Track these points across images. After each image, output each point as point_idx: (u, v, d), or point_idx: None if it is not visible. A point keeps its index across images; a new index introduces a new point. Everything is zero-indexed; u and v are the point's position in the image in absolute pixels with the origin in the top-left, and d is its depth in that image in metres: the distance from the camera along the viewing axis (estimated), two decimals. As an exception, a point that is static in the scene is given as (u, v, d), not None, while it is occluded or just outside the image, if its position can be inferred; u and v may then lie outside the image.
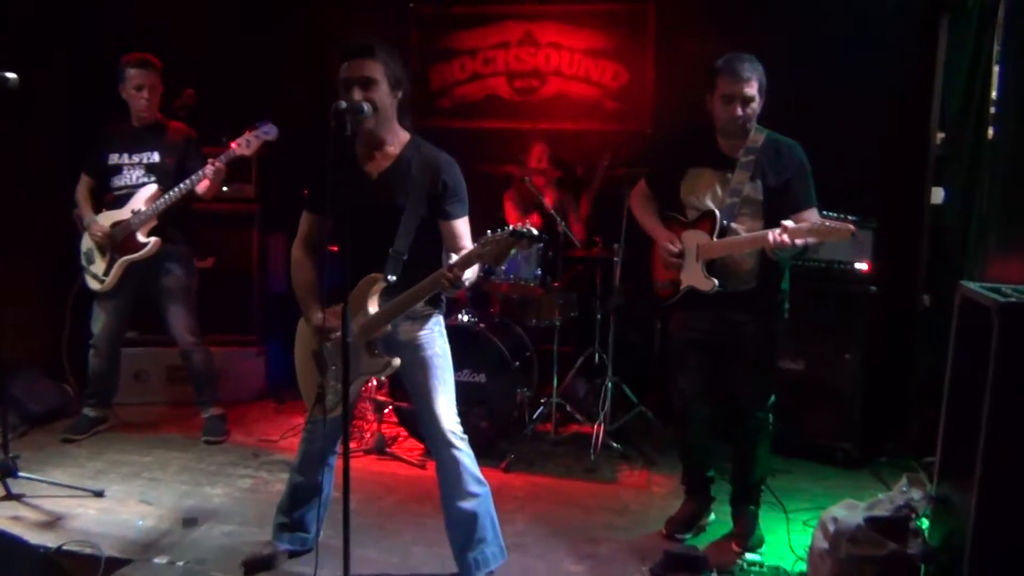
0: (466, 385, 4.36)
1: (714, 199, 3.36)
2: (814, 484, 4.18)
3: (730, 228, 3.31)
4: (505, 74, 5.84)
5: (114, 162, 4.46)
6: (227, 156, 4.20)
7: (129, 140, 4.49)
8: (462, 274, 2.64)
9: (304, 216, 3.08)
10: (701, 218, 3.39)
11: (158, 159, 4.45)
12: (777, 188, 3.29)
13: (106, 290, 4.47)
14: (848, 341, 4.39)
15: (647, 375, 4.98)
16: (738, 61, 3.22)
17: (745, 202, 3.31)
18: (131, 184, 4.44)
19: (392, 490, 4.03)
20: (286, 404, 5.29)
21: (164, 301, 4.54)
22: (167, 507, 3.74)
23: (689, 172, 3.44)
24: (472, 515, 2.98)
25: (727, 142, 3.36)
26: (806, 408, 4.44)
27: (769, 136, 3.34)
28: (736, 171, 3.31)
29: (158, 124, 4.53)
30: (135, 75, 4.38)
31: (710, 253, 3.32)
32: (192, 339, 4.58)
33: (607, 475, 4.30)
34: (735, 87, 3.20)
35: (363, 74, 2.77)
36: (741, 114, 3.22)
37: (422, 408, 3.00)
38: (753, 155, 3.30)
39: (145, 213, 4.34)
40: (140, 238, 4.37)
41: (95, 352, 4.59)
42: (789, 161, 3.30)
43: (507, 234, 2.48)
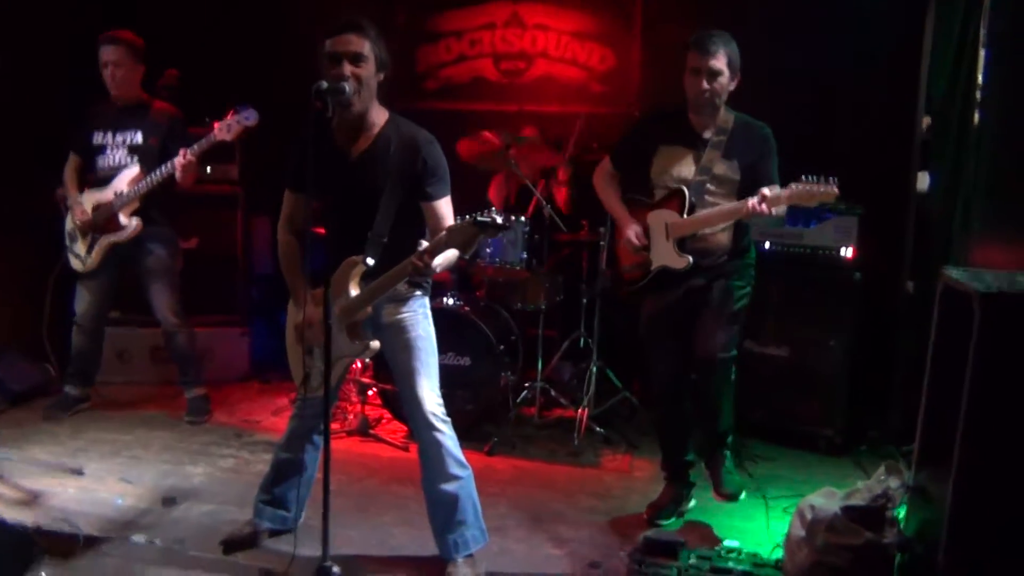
0: (451, 368, 4.35)
1: (684, 178, 3.38)
2: (796, 471, 4.19)
3: (701, 204, 3.34)
4: (491, 56, 5.80)
5: (98, 142, 4.42)
6: (207, 141, 4.12)
7: (113, 119, 4.43)
8: (432, 260, 2.61)
9: (286, 195, 3.05)
10: (669, 197, 3.41)
11: (141, 140, 4.39)
12: (748, 167, 3.33)
13: (88, 270, 4.45)
14: (833, 328, 4.39)
15: (632, 360, 4.97)
16: (706, 35, 3.25)
17: (719, 180, 3.34)
18: (114, 165, 4.39)
19: (375, 471, 4.02)
20: (270, 384, 5.28)
21: (147, 281, 4.51)
22: (147, 486, 3.72)
23: (661, 150, 3.45)
24: (453, 497, 2.97)
25: (698, 119, 3.37)
26: (790, 395, 4.46)
27: (739, 117, 3.38)
28: (706, 150, 3.35)
29: (142, 103, 4.46)
30: (104, 52, 4.32)
31: (681, 230, 3.35)
32: (175, 320, 4.56)
33: (590, 459, 4.31)
34: (702, 60, 3.23)
35: (353, 49, 2.73)
36: (707, 87, 3.23)
37: (404, 390, 2.99)
38: (724, 135, 3.33)
39: (127, 195, 4.30)
40: (122, 219, 4.34)
41: (78, 331, 4.56)
42: (760, 141, 3.36)
43: (471, 222, 2.45)
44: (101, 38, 4.33)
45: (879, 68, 4.78)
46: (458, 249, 2.56)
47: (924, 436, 2.83)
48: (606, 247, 4.62)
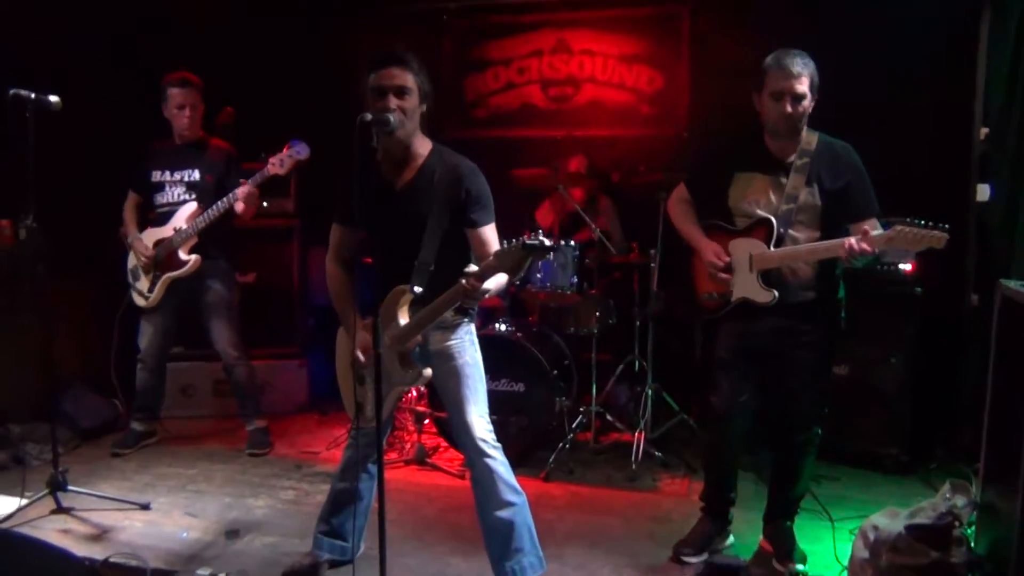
0: (505, 394, 4.35)
1: (768, 206, 3.19)
2: (861, 491, 4.09)
3: (787, 236, 3.16)
4: (539, 82, 5.85)
5: (157, 179, 4.56)
6: (261, 176, 4.27)
7: (171, 158, 4.58)
8: (480, 285, 2.61)
9: (333, 228, 3.11)
10: (755, 226, 3.21)
11: (198, 177, 4.53)
12: (835, 193, 3.12)
13: (151, 306, 4.57)
14: (894, 344, 4.29)
15: (688, 382, 4.92)
16: (788, 56, 3.06)
17: (802, 208, 3.14)
18: (173, 202, 4.53)
19: (432, 500, 4.03)
20: (329, 416, 5.35)
21: (207, 316, 4.62)
22: (211, 519, 3.79)
23: (738, 177, 3.28)
24: (508, 524, 2.96)
25: (777, 144, 3.19)
26: (852, 413, 4.34)
27: (822, 138, 3.18)
28: (791, 175, 3.15)
29: (200, 142, 4.61)
30: (176, 94, 4.47)
31: (767, 263, 3.15)
32: (235, 353, 4.65)
33: (648, 484, 4.26)
34: (785, 83, 3.04)
35: (397, 82, 2.78)
36: (791, 111, 3.06)
37: (454, 417, 3.01)
38: (807, 158, 3.14)
39: (186, 231, 4.42)
40: (182, 256, 4.46)
41: (142, 367, 4.69)
42: (847, 165, 3.14)
43: (519, 246, 2.46)
44: (171, 80, 4.47)
45: (935, 79, 4.71)
46: (507, 273, 2.57)
47: (989, 452, 2.75)
48: (657, 268, 4.59)
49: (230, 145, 4.69)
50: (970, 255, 4.54)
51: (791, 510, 3.45)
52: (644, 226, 4.77)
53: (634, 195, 5.17)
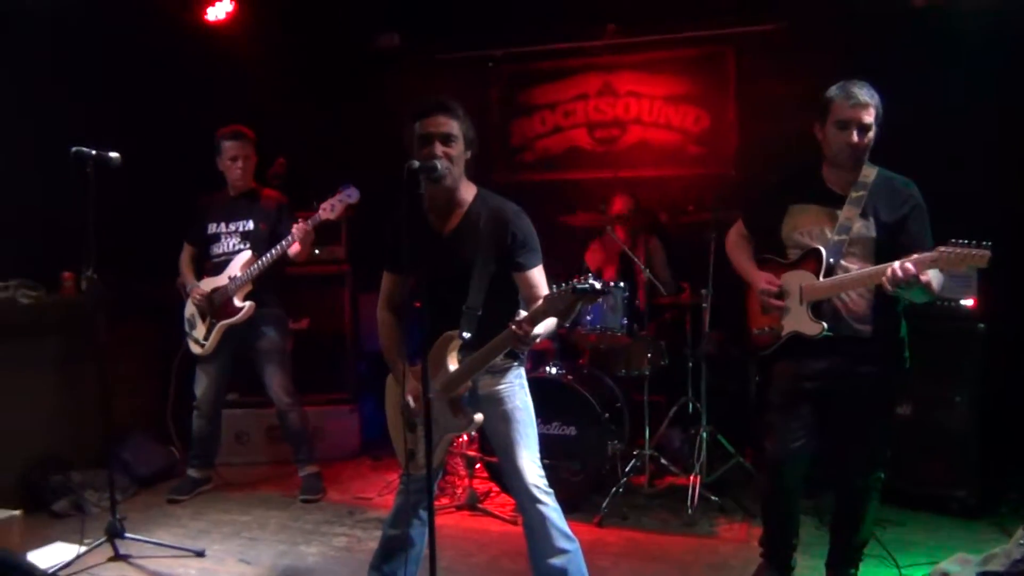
0: (556, 438, 4.31)
1: (820, 237, 3.13)
2: (928, 536, 3.95)
3: (838, 266, 3.08)
4: (586, 125, 5.88)
5: (212, 231, 4.68)
6: (313, 220, 4.34)
7: (226, 209, 4.69)
8: (531, 330, 2.60)
9: (384, 275, 3.13)
10: (805, 257, 3.15)
11: (252, 226, 4.63)
12: (891, 225, 3.04)
13: (206, 354, 4.65)
14: (957, 383, 4.16)
15: (743, 424, 4.81)
16: (855, 85, 3.02)
17: (854, 241, 3.07)
18: (228, 251, 4.63)
19: (484, 546, 3.99)
20: (381, 461, 5.34)
21: (261, 363, 4.68)
22: (264, 566, 3.80)
23: (792, 209, 3.23)
24: (562, 571, 2.91)
25: (835, 176, 3.14)
26: (916, 455, 4.20)
27: (881, 172, 3.11)
28: (845, 207, 3.08)
29: (252, 192, 4.72)
30: (230, 147, 4.59)
31: (816, 294, 3.08)
32: (288, 399, 4.69)
33: (705, 529, 4.16)
34: (852, 112, 2.99)
35: (443, 130, 2.81)
36: (856, 141, 2.99)
37: (505, 462, 2.98)
38: (863, 191, 3.07)
39: (240, 279, 4.51)
40: (236, 303, 4.54)
41: (198, 414, 4.75)
42: (907, 198, 3.07)
43: (569, 290, 2.45)
44: (225, 133, 4.60)
45: (996, 107, 4.59)
46: (557, 317, 2.56)
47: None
48: (709, 309, 4.53)
49: (281, 194, 4.79)
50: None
51: (855, 557, 3.33)
52: (694, 266, 4.72)
53: (683, 235, 5.13)
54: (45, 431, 4.65)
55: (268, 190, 4.79)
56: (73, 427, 4.74)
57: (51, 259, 4.80)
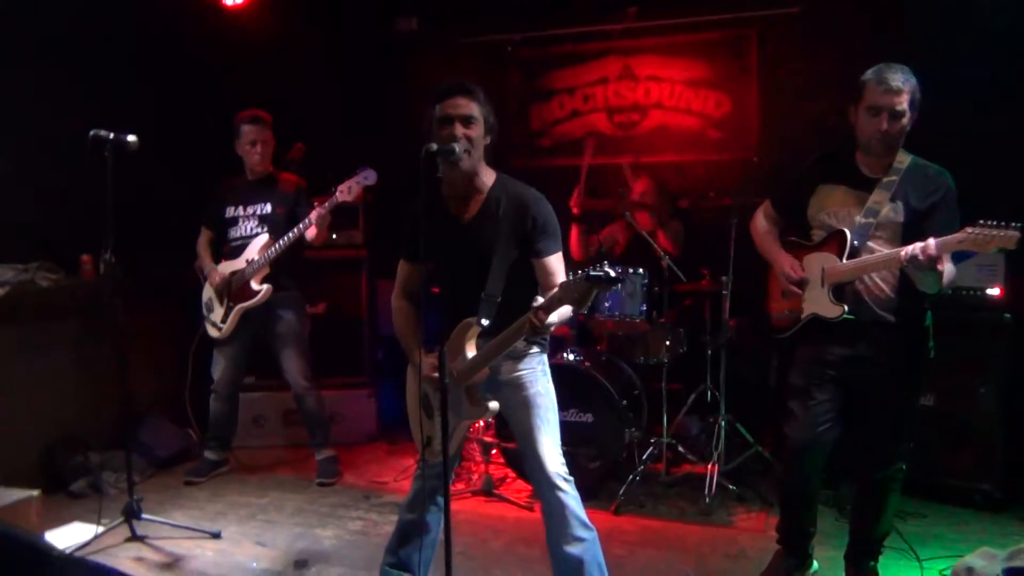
0: (573, 425, 4.28)
1: (846, 219, 3.09)
2: (950, 529, 3.89)
3: (863, 249, 3.03)
4: (605, 110, 5.82)
5: (230, 215, 4.68)
6: (331, 203, 4.33)
7: (243, 193, 4.69)
8: (546, 318, 2.56)
9: (400, 264, 3.11)
10: (828, 239, 3.13)
11: (270, 210, 4.62)
12: (920, 211, 2.99)
13: (224, 337, 4.66)
14: (982, 373, 4.10)
15: (762, 412, 4.77)
16: (890, 70, 2.94)
17: (882, 225, 3.03)
18: (246, 235, 4.63)
19: (500, 532, 3.97)
20: (398, 445, 5.35)
21: (278, 346, 4.68)
22: (280, 549, 3.80)
23: (820, 189, 3.19)
24: (579, 560, 2.88)
25: (868, 160, 3.08)
26: (939, 447, 4.15)
27: (916, 159, 3.07)
28: (875, 191, 3.04)
29: (270, 176, 4.71)
30: (248, 131, 4.58)
31: (837, 276, 3.05)
32: (305, 383, 4.69)
33: (722, 518, 4.13)
34: (884, 98, 2.93)
35: (463, 112, 2.78)
36: (887, 128, 2.94)
37: (525, 448, 2.95)
38: (896, 176, 3.03)
39: (258, 262, 4.50)
40: (254, 286, 4.54)
41: (215, 397, 4.77)
42: (938, 184, 3.01)
43: (583, 278, 2.41)
44: (244, 117, 4.60)
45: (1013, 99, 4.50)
46: (573, 305, 2.52)
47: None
48: (729, 296, 4.47)
49: (299, 178, 4.77)
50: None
51: (875, 550, 3.29)
52: (714, 252, 4.66)
53: (703, 221, 5.08)
54: (64, 413, 4.67)
55: (286, 174, 4.78)
56: (91, 409, 4.76)
57: (70, 242, 4.81)
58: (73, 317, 4.77)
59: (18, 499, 3.41)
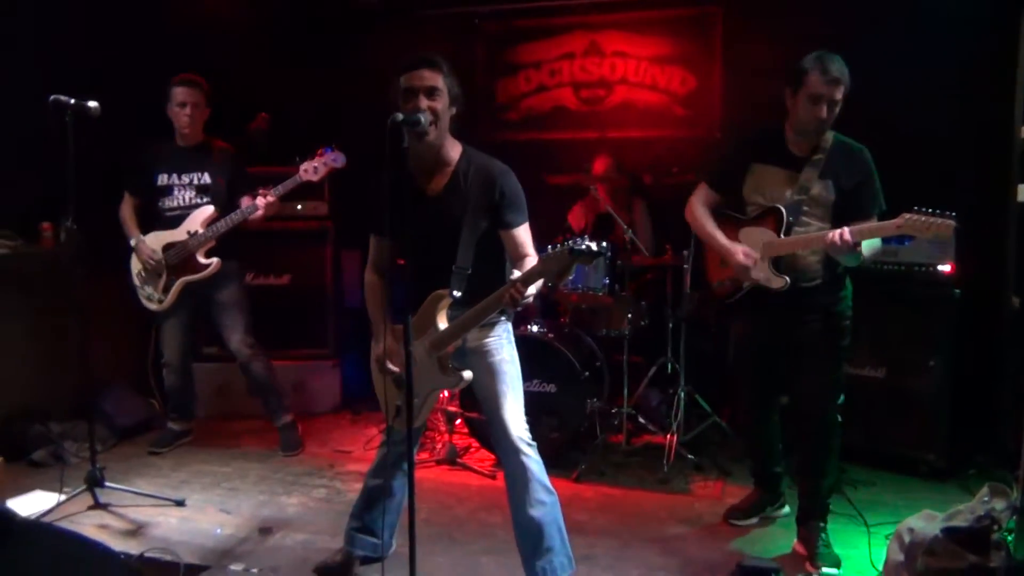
0: (536, 395, 4.35)
1: (780, 198, 3.29)
2: (897, 496, 4.03)
3: (798, 223, 3.26)
4: (571, 85, 5.85)
5: (163, 183, 4.51)
6: (293, 182, 4.24)
7: (177, 160, 4.53)
8: (525, 290, 2.62)
9: (372, 240, 3.13)
10: (765, 214, 3.33)
11: (209, 180, 4.50)
12: (849, 191, 3.22)
13: (163, 309, 4.54)
14: (931, 347, 4.22)
15: (720, 384, 4.87)
16: (831, 61, 3.11)
17: (814, 201, 3.25)
18: (184, 205, 4.49)
19: (463, 500, 4.04)
20: (361, 415, 5.38)
21: (218, 316, 4.62)
22: (244, 516, 3.83)
23: (754, 168, 3.38)
24: (539, 523, 2.95)
25: (797, 140, 3.28)
26: (888, 417, 4.30)
27: (836, 137, 3.27)
28: (805, 169, 3.25)
29: (204, 144, 4.57)
30: (179, 92, 4.42)
31: (776, 251, 3.27)
32: (248, 350, 4.63)
33: (680, 486, 4.23)
34: (825, 88, 3.10)
35: (427, 83, 2.79)
36: (825, 117, 3.13)
37: (490, 414, 3.01)
38: (822, 155, 3.24)
39: (203, 235, 4.40)
40: (200, 259, 4.45)
41: (169, 371, 4.72)
42: (860, 164, 3.24)
43: (566, 251, 2.46)
44: (177, 80, 4.44)
45: (974, 78, 4.62)
46: (553, 279, 2.57)
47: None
48: (690, 270, 4.56)
49: (231, 146, 4.65)
50: (1010, 256, 4.45)
51: (820, 508, 3.44)
52: (677, 228, 4.72)
53: (667, 197, 5.13)
54: (24, 382, 4.64)
55: (219, 142, 4.62)
56: (52, 378, 4.73)
57: (29, 210, 4.75)
58: (33, 286, 4.70)
59: (-21, 466, 3.40)
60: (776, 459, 3.72)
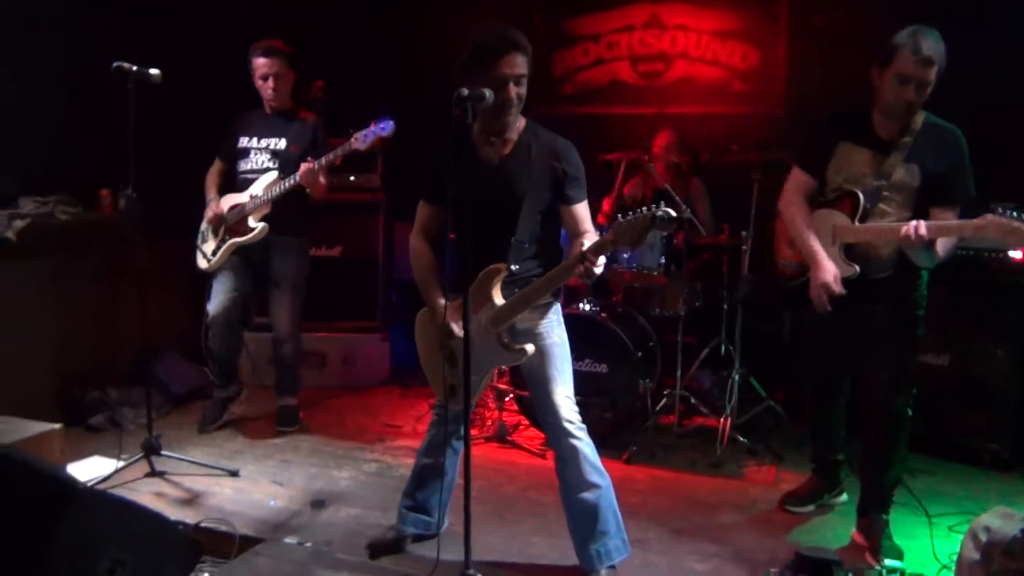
0: (587, 375, 4.31)
1: (861, 183, 3.13)
2: (959, 487, 3.93)
3: (876, 211, 3.10)
4: (629, 58, 5.73)
5: (243, 145, 4.52)
6: (342, 150, 4.14)
7: (259, 125, 4.53)
8: (596, 260, 2.57)
9: (421, 205, 3.08)
10: (840, 198, 3.18)
11: (284, 146, 4.47)
12: (937, 174, 3.03)
13: (212, 269, 4.50)
14: (999, 335, 4.09)
15: (776, 367, 4.78)
16: (924, 39, 2.90)
17: (895, 188, 3.08)
18: (256, 168, 4.48)
19: (513, 478, 4.02)
20: (411, 390, 5.38)
21: (271, 288, 4.57)
22: (297, 488, 3.86)
23: (840, 147, 3.21)
24: (594, 507, 2.92)
25: (885, 123, 3.10)
26: (951, 406, 4.18)
27: (928, 118, 3.07)
28: (892, 154, 3.07)
29: (289, 111, 4.55)
30: (261, 64, 4.40)
31: (848, 237, 3.13)
32: (289, 329, 4.60)
33: (733, 470, 4.17)
34: (916, 68, 2.91)
35: (519, 72, 2.74)
36: (914, 99, 2.96)
37: (540, 397, 2.97)
38: (910, 137, 3.05)
39: (260, 199, 4.37)
40: (251, 223, 4.39)
41: (212, 334, 4.57)
42: (953, 148, 3.05)
43: (647, 216, 2.40)
44: (257, 48, 4.41)
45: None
46: (628, 244, 2.51)
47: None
48: (748, 252, 4.46)
49: (318, 117, 4.64)
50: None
51: (883, 499, 3.35)
52: (735, 207, 4.63)
53: (725, 175, 5.03)
54: (81, 347, 4.71)
55: (305, 111, 4.64)
56: (109, 344, 4.79)
57: (89, 176, 4.79)
58: (92, 252, 4.76)
59: (40, 431, 3.43)
60: (839, 446, 3.63)
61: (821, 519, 3.62)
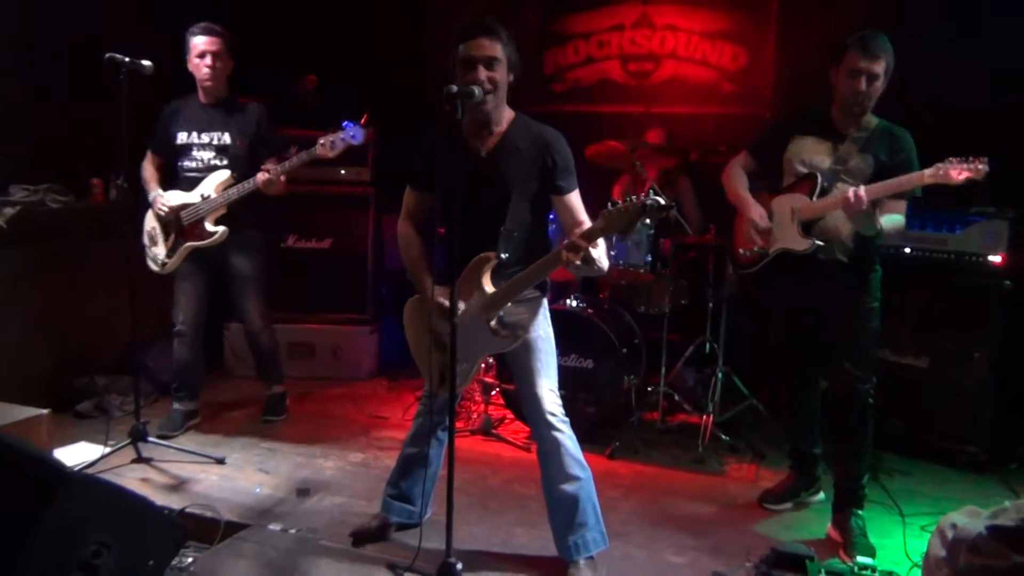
0: (573, 370, 4.36)
1: (819, 165, 3.37)
2: (935, 488, 3.99)
3: (833, 189, 3.31)
4: (619, 57, 5.77)
5: (183, 141, 4.25)
6: (308, 155, 3.93)
7: (198, 118, 4.26)
8: (587, 246, 2.58)
9: (408, 192, 3.12)
10: (799, 181, 3.41)
11: (229, 141, 4.23)
12: (889, 166, 3.25)
13: (167, 272, 4.35)
14: (978, 338, 4.15)
15: (759, 366, 4.82)
16: (870, 38, 3.19)
17: (850, 173, 3.31)
18: (202, 167, 4.24)
19: (497, 471, 4.07)
20: (398, 382, 5.42)
21: (232, 284, 4.44)
22: (283, 476, 3.89)
23: (796, 139, 3.46)
24: (574, 498, 2.97)
25: (842, 118, 3.35)
26: (929, 407, 4.24)
27: (881, 122, 3.34)
28: (845, 143, 3.33)
29: (229, 102, 4.29)
30: (197, 43, 4.15)
31: (807, 213, 3.35)
32: (260, 322, 4.53)
33: (714, 467, 4.23)
34: (863, 63, 3.18)
35: (487, 53, 2.76)
36: (863, 90, 3.20)
37: (524, 389, 3.01)
38: (865, 134, 3.31)
39: (215, 201, 4.15)
40: (208, 226, 4.18)
41: (180, 341, 4.41)
42: (903, 146, 3.29)
43: (637, 204, 2.43)
44: (195, 29, 4.17)
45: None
46: (616, 232, 2.56)
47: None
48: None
49: (258, 103, 4.38)
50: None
51: (856, 493, 3.42)
52: (722, 207, 4.67)
53: (712, 175, 5.05)
54: (70, 335, 4.73)
55: (245, 99, 4.34)
56: (97, 332, 4.81)
57: (80, 166, 4.80)
58: (82, 240, 4.77)
59: (28, 416, 3.47)
60: (814, 439, 3.71)
61: (798, 515, 3.69)
